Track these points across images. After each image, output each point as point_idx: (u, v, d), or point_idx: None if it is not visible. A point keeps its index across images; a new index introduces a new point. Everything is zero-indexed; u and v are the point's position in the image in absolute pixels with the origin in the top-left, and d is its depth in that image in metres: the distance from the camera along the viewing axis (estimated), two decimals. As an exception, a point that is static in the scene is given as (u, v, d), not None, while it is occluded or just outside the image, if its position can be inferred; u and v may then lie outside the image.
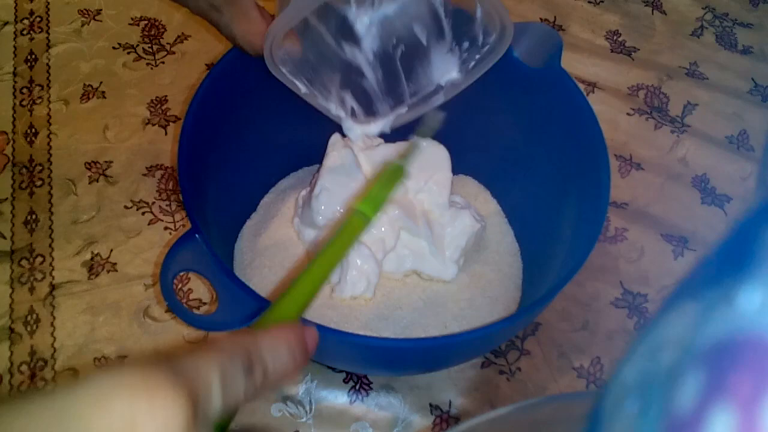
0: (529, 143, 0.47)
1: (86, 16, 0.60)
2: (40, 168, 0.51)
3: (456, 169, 0.51)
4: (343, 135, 0.48)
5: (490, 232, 0.49)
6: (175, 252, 0.34)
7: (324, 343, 0.37)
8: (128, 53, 0.58)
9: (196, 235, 0.35)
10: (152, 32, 0.59)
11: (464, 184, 0.51)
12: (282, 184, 0.51)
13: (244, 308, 0.33)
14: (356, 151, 0.46)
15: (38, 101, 0.55)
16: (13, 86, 0.56)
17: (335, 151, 0.46)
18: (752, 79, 0.61)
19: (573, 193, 0.43)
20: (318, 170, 0.48)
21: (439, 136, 0.47)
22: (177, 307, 0.34)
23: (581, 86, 0.59)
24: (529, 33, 0.44)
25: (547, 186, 0.46)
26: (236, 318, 0.33)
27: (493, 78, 0.46)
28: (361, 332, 0.43)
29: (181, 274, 0.47)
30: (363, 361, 0.41)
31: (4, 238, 0.48)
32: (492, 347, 0.45)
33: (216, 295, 0.39)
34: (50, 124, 0.54)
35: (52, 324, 0.45)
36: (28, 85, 0.56)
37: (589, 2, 0.65)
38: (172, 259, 0.34)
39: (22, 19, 0.59)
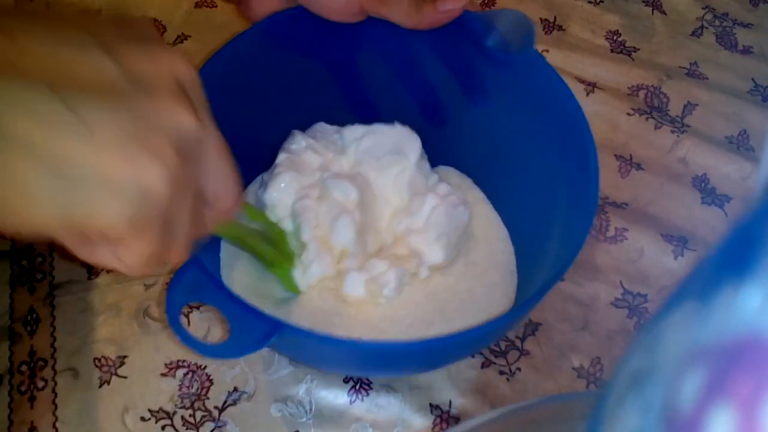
0: (510, 130, 0.47)
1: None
2: (40, 168, 0.51)
3: (439, 161, 0.51)
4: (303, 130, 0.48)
5: (476, 219, 0.49)
6: (177, 284, 0.33)
7: (321, 350, 0.37)
8: (128, 53, 0.58)
9: (196, 266, 0.34)
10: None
11: (446, 174, 0.51)
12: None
13: (257, 331, 0.32)
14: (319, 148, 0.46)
15: (38, 101, 0.55)
16: (13, 86, 0.56)
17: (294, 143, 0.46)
18: (752, 79, 0.61)
19: (561, 176, 0.42)
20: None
21: (420, 128, 0.48)
22: (191, 341, 0.33)
23: (581, 86, 0.59)
24: (499, 20, 0.44)
25: (532, 170, 0.46)
26: (250, 341, 0.32)
27: (469, 69, 0.46)
28: (370, 335, 0.43)
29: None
30: (360, 365, 0.41)
31: (5, 238, 0.48)
32: (493, 341, 0.45)
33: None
34: (50, 124, 0.54)
35: (52, 324, 0.45)
36: (28, 85, 0.56)
37: (589, 2, 0.65)
38: (175, 292, 0.33)
39: (22, 19, 0.59)
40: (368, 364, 0.41)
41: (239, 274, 0.45)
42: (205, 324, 0.45)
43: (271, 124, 0.46)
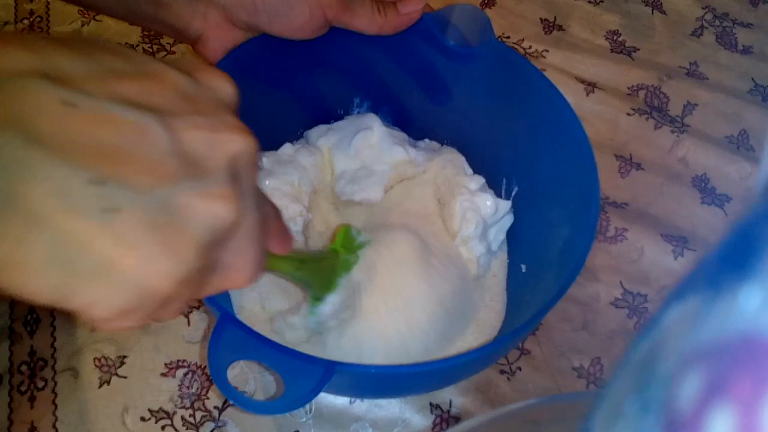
0: (488, 125, 0.47)
1: (86, 16, 0.60)
2: (40, 168, 0.51)
3: None
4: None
5: None
6: (217, 344, 0.31)
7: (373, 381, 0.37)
8: (128, 53, 0.58)
9: (233, 324, 0.32)
10: (152, 32, 0.59)
11: None
12: None
13: (312, 377, 0.31)
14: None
15: (38, 101, 0.55)
16: (13, 86, 0.56)
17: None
18: (752, 79, 0.61)
19: (557, 170, 0.43)
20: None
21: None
22: (245, 403, 0.32)
23: (581, 86, 0.59)
24: (453, 17, 0.43)
25: (521, 155, 0.46)
26: (307, 389, 0.30)
27: (432, 70, 0.46)
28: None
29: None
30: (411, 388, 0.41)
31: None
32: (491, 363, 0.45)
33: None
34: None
35: (52, 324, 0.45)
36: (28, 85, 0.56)
37: (589, 2, 0.65)
38: (218, 353, 0.31)
39: (22, 19, 0.59)
40: (417, 387, 0.40)
41: (251, 312, 0.43)
42: (204, 324, 0.45)
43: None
